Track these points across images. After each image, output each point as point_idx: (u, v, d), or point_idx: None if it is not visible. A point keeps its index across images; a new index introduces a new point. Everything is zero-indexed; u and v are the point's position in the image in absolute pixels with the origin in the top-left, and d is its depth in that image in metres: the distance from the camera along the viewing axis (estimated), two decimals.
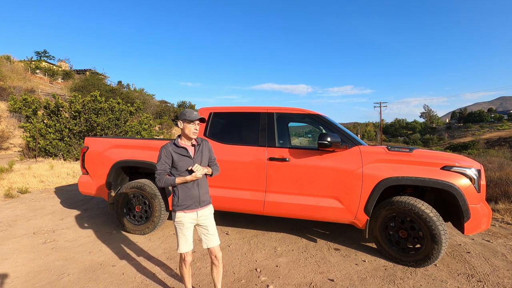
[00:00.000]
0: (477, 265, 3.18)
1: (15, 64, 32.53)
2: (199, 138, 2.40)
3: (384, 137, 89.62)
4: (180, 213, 2.25)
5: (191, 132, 2.25)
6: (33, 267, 3.04)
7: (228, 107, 4.05)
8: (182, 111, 2.28)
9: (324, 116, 3.81)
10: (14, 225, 4.33)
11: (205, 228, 2.33)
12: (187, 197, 2.24)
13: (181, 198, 2.24)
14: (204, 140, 2.41)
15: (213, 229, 2.35)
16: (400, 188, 3.50)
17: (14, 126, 17.62)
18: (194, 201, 2.26)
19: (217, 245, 2.34)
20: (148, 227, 3.94)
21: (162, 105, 39.63)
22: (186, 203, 2.24)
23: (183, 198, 2.24)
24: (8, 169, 8.17)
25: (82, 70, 46.23)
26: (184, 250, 2.27)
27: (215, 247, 2.33)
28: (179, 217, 2.25)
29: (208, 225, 2.33)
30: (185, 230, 2.26)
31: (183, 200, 2.24)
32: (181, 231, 2.26)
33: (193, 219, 2.28)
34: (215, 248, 2.33)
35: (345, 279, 2.87)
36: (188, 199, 2.24)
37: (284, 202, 3.54)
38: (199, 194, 2.28)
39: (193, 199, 2.26)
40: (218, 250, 2.34)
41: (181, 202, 2.24)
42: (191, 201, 2.25)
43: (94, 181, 4.28)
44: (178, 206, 2.25)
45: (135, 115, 14.94)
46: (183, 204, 2.24)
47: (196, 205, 2.27)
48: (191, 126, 2.24)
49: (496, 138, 66.62)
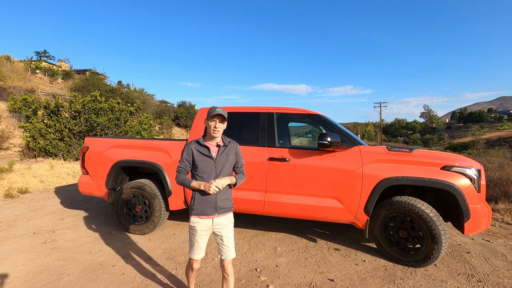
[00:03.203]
0: (477, 265, 3.18)
1: (15, 64, 32.54)
2: (228, 139, 2.23)
3: (384, 137, 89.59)
4: (194, 218, 2.10)
5: (211, 130, 2.09)
6: (33, 267, 3.03)
7: (228, 107, 4.05)
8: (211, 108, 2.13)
9: (324, 116, 3.81)
10: (14, 225, 4.33)
11: (220, 239, 2.14)
12: (203, 201, 2.07)
13: (196, 202, 2.09)
14: (233, 142, 2.24)
15: (228, 241, 2.14)
16: (400, 188, 3.50)
17: (14, 126, 17.62)
18: (210, 207, 2.08)
19: (231, 259, 2.14)
20: (148, 227, 3.94)
21: (162, 105, 39.61)
22: (201, 208, 2.08)
23: (199, 202, 2.08)
24: (8, 169, 8.17)
25: (82, 70, 46.24)
26: (194, 257, 2.12)
27: (227, 261, 2.13)
28: (193, 222, 2.10)
29: (224, 235, 2.13)
30: (198, 237, 2.10)
31: (198, 204, 2.08)
32: (194, 236, 2.11)
33: (208, 227, 2.10)
34: (227, 262, 2.13)
35: (345, 279, 2.86)
36: (204, 204, 2.08)
37: (284, 202, 3.54)
38: (216, 200, 2.09)
39: (209, 205, 2.08)
40: (230, 264, 2.14)
41: (196, 206, 2.08)
42: (207, 206, 2.08)
43: (94, 181, 4.28)
44: (193, 210, 2.10)
45: (135, 115, 14.94)
46: (198, 209, 2.08)
47: (212, 212, 2.09)
48: (211, 123, 2.09)
49: (496, 138, 66.61)
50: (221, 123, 2.12)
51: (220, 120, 2.11)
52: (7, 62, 31.32)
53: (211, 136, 2.12)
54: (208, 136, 2.16)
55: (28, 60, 39.65)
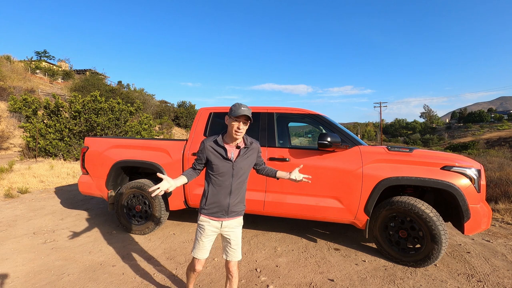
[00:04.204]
0: (477, 265, 3.18)
1: (15, 64, 32.56)
2: (250, 139, 2.08)
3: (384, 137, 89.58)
4: (204, 217, 2.01)
5: (233, 131, 1.92)
6: (33, 267, 3.03)
7: (228, 107, 4.05)
8: (234, 106, 1.93)
9: (324, 116, 3.81)
10: (14, 225, 4.33)
11: (227, 241, 2.06)
12: (214, 202, 1.97)
13: (208, 202, 1.98)
14: (255, 142, 2.10)
15: (236, 243, 2.06)
16: (400, 188, 3.50)
17: (14, 126, 17.61)
18: (221, 210, 1.98)
19: (236, 261, 2.08)
20: (148, 227, 3.94)
21: (162, 105, 39.62)
22: (211, 208, 1.98)
23: (210, 202, 1.97)
24: (8, 169, 8.17)
25: (82, 70, 46.25)
26: (197, 256, 2.04)
27: (233, 262, 2.07)
28: (202, 221, 2.01)
29: (232, 238, 2.05)
30: (204, 237, 2.01)
31: (210, 204, 1.98)
32: (200, 235, 2.02)
33: (216, 228, 2.02)
34: (232, 264, 2.07)
35: (345, 279, 2.86)
36: (215, 206, 1.97)
37: (284, 202, 3.54)
38: (229, 203, 1.98)
39: (221, 207, 1.97)
40: (235, 266, 2.08)
41: (208, 205, 1.98)
42: (218, 208, 1.97)
43: (94, 181, 4.28)
44: (203, 209, 2.00)
45: (135, 115, 14.94)
46: (209, 209, 1.98)
47: (223, 215, 1.99)
48: (234, 124, 1.90)
49: (496, 138, 66.61)
50: (245, 125, 1.94)
51: (245, 121, 1.92)
52: (7, 62, 31.33)
53: (232, 137, 1.96)
54: (229, 136, 1.98)
55: (28, 60, 39.66)
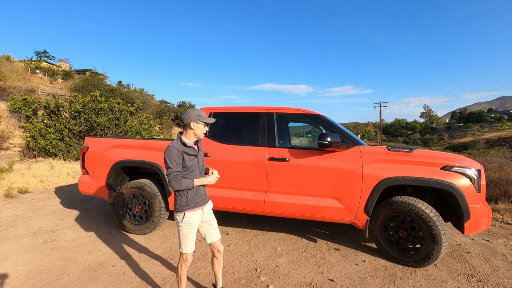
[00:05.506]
0: (477, 265, 3.18)
1: (15, 64, 32.54)
2: None
3: (384, 137, 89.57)
4: (189, 212, 2.24)
5: (201, 133, 2.29)
6: (33, 267, 3.03)
7: (228, 107, 4.05)
8: (194, 111, 2.26)
9: (324, 116, 3.81)
10: (14, 225, 4.33)
11: (208, 224, 2.38)
12: (196, 195, 2.27)
13: (190, 197, 2.24)
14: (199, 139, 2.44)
15: (215, 223, 2.44)
16: (400, 188, 3.50)
17: (14, 126, 17.62)
18: (202, 198, 2.32)
19: (219, 238, 2.43)
20: (148, 227, 3.94)
21: (162, 105, 39.61)
22: (196, 201, 2.27)
23: (193, 197, 2.25)
24: (8, 169, 8.17)
25: (82, 70, 46.23)
26: (188, 250, 2.26)
27: (218, 241, 2.41)
28: (188, 216, 2.23)
29: (211, 219, 2.40)
30: (193, 229, 2.27)
31: (193, 199, 2.25)
32: (189, 231, 2.25)
33: (200, 217, 2.31)
34: (218, 242, 2.41)
35: (345, 279, 2.87)
36: (197, 197, 2.28)
37: (284, 202, 3.54)
38: (204, 191, 2.37)
39: (201, 197, 2.31)
40: (220, 243, 2.42)
41: (191, 201, 2.24)
42: (200, 198, 2.30)
43: (94, 181, 4.28)
44: (187, 206, 2.23)
45: (135, 115, 14.93)
46: (194, 203, 2.25)
47: (203, 202, 2.33)
48: (203, 127, 2.29)
49: (496, 138, 66.61)
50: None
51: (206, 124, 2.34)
52: (7, 62, 31.33)
53: (195, 137, 2.29)
54: (193, 137, 2.29)
55: (28, 60, 39.63)
